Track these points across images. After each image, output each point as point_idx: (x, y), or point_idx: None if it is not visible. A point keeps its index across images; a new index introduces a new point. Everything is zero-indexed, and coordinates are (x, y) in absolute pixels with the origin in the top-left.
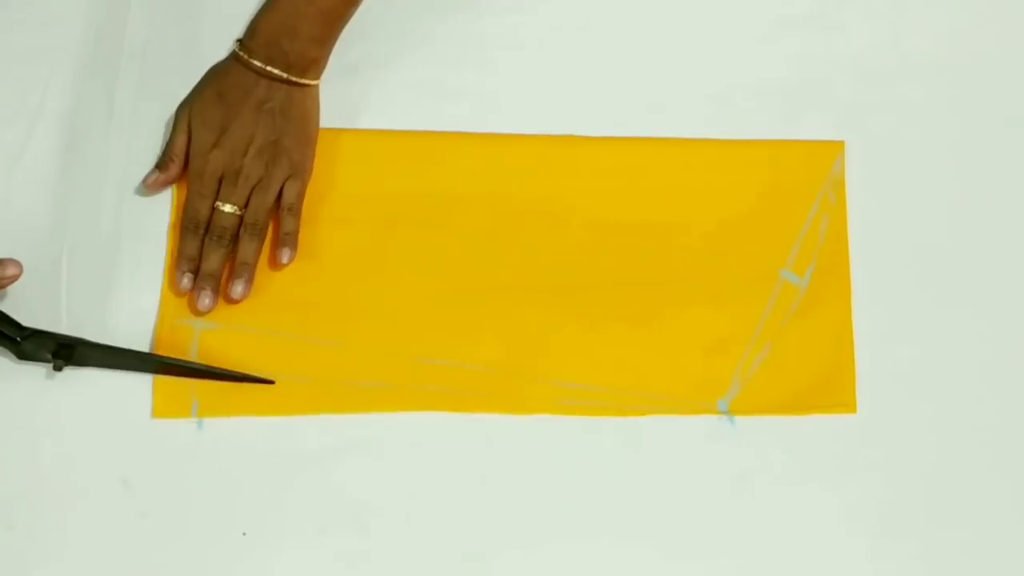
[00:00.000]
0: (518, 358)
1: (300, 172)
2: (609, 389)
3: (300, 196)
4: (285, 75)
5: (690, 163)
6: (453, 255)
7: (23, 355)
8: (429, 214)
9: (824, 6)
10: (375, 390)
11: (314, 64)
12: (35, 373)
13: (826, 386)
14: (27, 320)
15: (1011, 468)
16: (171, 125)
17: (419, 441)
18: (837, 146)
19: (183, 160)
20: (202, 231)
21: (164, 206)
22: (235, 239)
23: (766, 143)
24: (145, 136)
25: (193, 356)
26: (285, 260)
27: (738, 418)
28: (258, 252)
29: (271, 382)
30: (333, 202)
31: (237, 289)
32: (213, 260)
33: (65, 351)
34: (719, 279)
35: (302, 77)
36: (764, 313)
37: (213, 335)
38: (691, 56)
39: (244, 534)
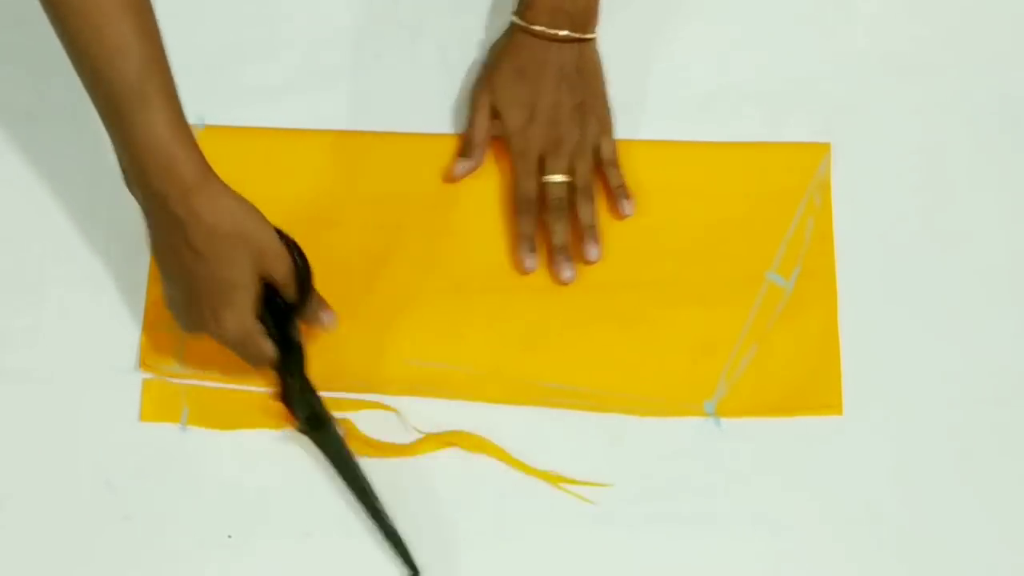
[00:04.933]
0: (505, 359)
1: (608, 126)
2: (596, 390)
3: (615, 149)
4: (573, 34)
5: (676, 165)
6: (440, 257)
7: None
8: (417, 216)
9: (812, 9)
10: (356, 399)
11: (593, 16)
12: (19, 373)
13: (812, 388)
14: (7, 318)
15: (997, 469)
16: None
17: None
18: (823, 148)
19: (487, 144)
20: (535, 208)
21: None
22: (571, 206)
23: (752, 145)
24: None
25: (179, 361)
26: (628, 211)
27: (724, 420)
28: (596, 211)
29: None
30: (320, 204)
31: (594, 252)
32: (560, 232)
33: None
34: (705, 281)
35: (585, 32)
36: (750, 315)
37: (199, 341)
38: (678, 58)
39: (229, 536)
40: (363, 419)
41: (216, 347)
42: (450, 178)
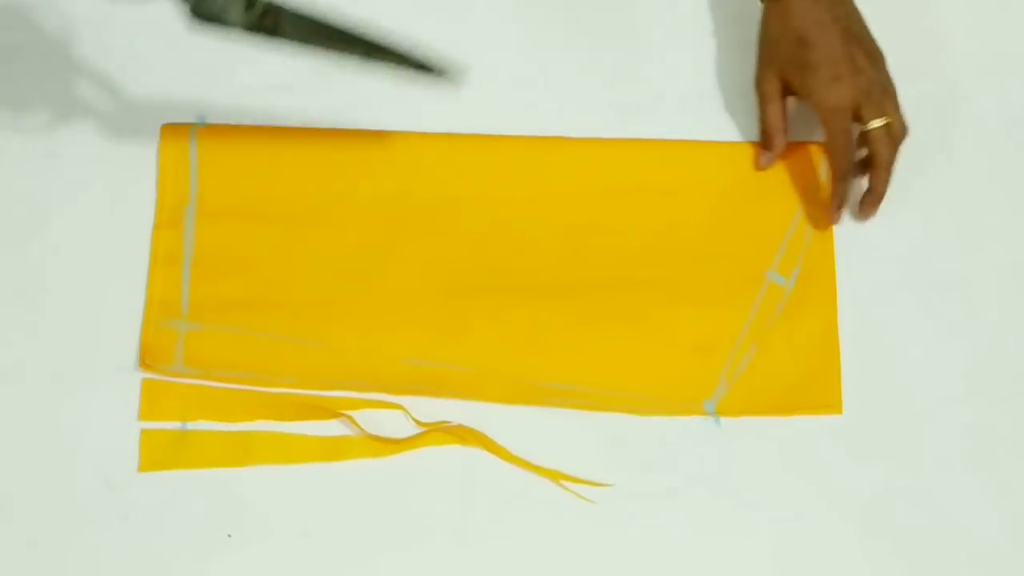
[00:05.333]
0: (505, 359)
1: (884, 63)
2: (596, 390)
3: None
4: None
5: (677, 164)
6: (439, 256)
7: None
8: (415, 215)
9: None
10: (359, 398)
11: None
12: (19, 372)
13: (812, 387)
14: (6, 317)
15: (996, 467)
16: (156, 132)
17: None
18: (823, 148)
19: (786, 128)
20: (855, 165)
21: (148, 207)
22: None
23: (753, 144)
24: (131, 137)
25: (179, 359)
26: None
27: (725, 419)
28: None
29: None
30: (320, 202)
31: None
32: (887, 179)
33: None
34: (706, 280)
35: None
36: (750, 315)
37: (198, 336)
38: (678, 57)
39: (229, 536)
40: (365, 418)
41: (216, 347)
42: (759, 169)
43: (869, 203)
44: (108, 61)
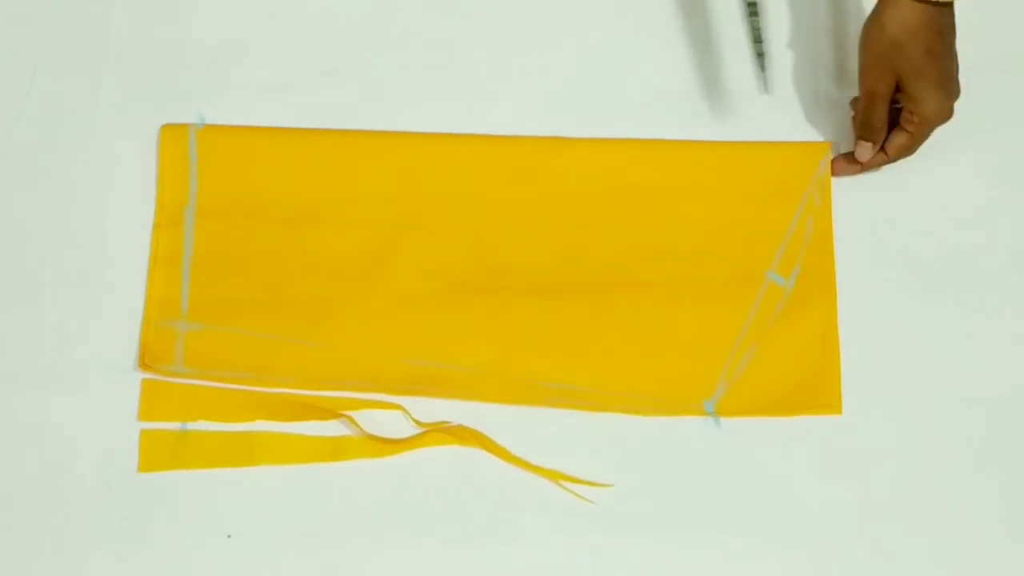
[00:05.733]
0: (505, 359)
1: None
2: (596, 390)
3: None
4: None
5: (676, 164)
6: (439, 256)
7: None
8: (415, 215)
9: (811, 8)
10: (359, 398)
11: None
12: (19, 373)
13: (812, 387)
14: (6, 317)
15: (995, 468)
16: (156, 132)
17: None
18: (823, 147)
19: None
20: None
21: (148, 206)
22: None
23: (752, 144)
24: (130, 136)
25: (179, 359)
26: None
27: (724, 419)
28: None
29: None
30: (320, 203)
31: None
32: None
33: None
34: (705, 280)
35: None
36: (750, 315)
37: (198, 336)
38: (677, 56)
39: (229, 536)
40: (365, 418)
41: (216, 347)
42: (862, 160)
43: (855, 171)
44: (108, 61)
